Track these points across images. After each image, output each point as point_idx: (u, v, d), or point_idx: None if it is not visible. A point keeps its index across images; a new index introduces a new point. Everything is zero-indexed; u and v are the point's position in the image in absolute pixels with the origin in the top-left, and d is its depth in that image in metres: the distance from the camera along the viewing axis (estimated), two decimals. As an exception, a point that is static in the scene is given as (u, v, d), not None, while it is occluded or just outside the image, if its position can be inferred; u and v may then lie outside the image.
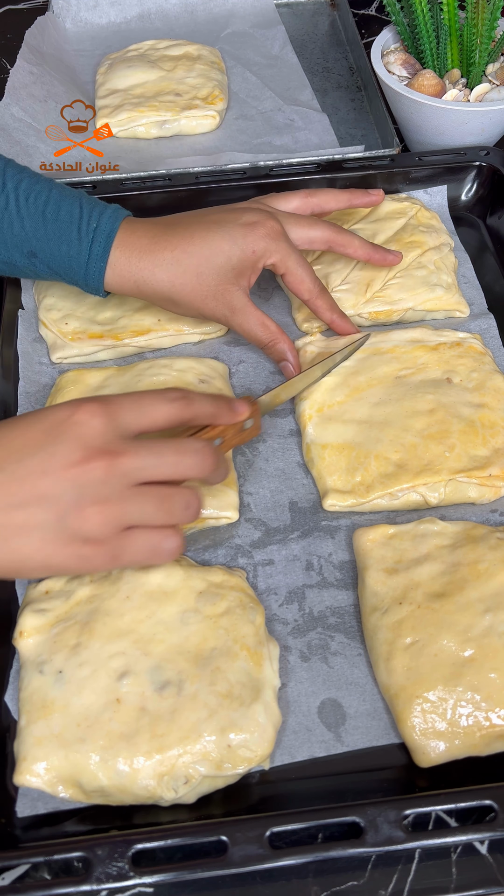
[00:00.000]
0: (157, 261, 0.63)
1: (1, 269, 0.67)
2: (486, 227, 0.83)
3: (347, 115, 0.99)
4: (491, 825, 0.48)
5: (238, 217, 0.65)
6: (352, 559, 0.61)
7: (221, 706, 0.51)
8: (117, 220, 0.64)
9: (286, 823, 0.48)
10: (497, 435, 0.64)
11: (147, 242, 0.64)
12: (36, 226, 0.63)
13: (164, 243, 0.64)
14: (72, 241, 0.63)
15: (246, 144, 0.94)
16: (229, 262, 0.64)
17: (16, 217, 0.64)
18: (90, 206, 0.64)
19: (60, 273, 0.65)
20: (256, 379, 0.72)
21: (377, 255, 0.71)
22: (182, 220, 0.66)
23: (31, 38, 1.03)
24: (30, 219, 0.63)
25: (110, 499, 0.47)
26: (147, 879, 0.46)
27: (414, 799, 0.49)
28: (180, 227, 0.65)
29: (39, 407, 0.70)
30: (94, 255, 0.63)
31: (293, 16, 1.13)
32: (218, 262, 0.63)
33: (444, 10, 0.85)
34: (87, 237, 0.63)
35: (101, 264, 0.63)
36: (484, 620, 0.53)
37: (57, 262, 0.64)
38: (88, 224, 0.63)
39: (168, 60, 1.01)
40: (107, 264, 0.64)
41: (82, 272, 0.64)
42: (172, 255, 0.63)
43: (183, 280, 0.64)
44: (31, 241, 0.64)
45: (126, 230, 0.64)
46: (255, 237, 0.64)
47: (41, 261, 0.65)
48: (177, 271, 0.63)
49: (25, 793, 0.51)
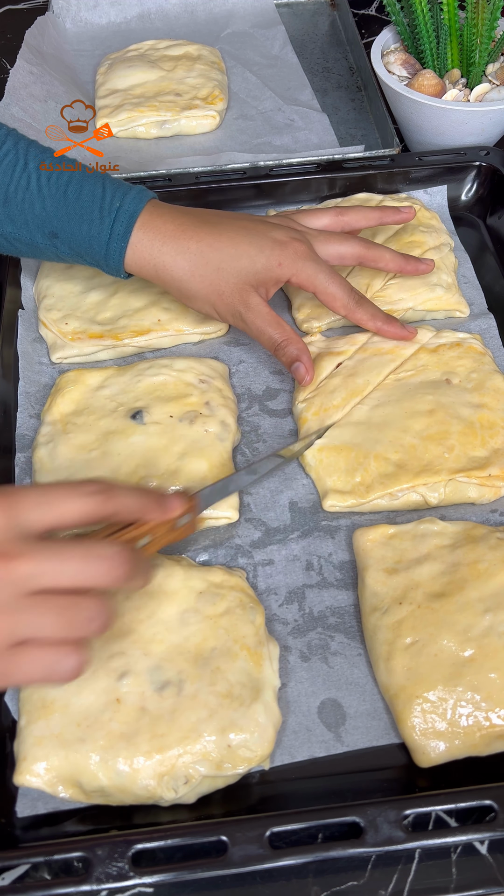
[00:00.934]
0: (181, 248, 0.63)
1: (22, 250, 0.67)
2: (486, 227, 0.83)
3: (347, 115, 0.99)
4: (491, 825, 0.48)
5: (268, 230, 0.64)
6: (352, 559, 0.61)
7: (221, 706, 0.51)
8: (142, 201, 0.63)
9: (286, 823, 0.48)
10: (496, 435, 0.64)
11: (173, 228, 0.63)
12: (57, 206, 0.63)
13: (190, 233, 0.63)
14: (93, 220, 0.63)
15: (246, 144, 0.95)
16: (253, 267, 0.63)
17: (37, 197, 0.63)
18: (113, 186, 0.64)
19: (81, 253, 0.65)
20: (256, 379, 0.72)
21: (409, 266, 0.70)
22: (210, 216, 0.65)
23: (31, 38, 1.03)
24: (51, 198, 0.63)
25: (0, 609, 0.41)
26: (147, 879, 0.46)
27: (414, 799, 0.49)
28: (208, 222, 0.64)
29: (40, 407, 0.70)
30: (116, 234, 0.63)
31: (293, 16, 1.13)
32: (242, 263, 0.63)
33: (444, 10, 0.85)
34: (110, 216, 0.62)
35: (121, 244, 0.63)
36: (484, 620, 0.53)
37: (78, 241, 0.64)
38: (111, 204, 0.63)
39: (168, 60, 1.01)
40: (128, 245, 0.63)
41: (103, 251, 0.63)
42: (198, 247, 0.63)
43: (203, 272, 0.63)
44: (53, 220, 0.63)
45: (151, 213, 0.63)
46: (284, 253, 0.63)
47: (62, 241, 0.64)
48: (199, 262, 0.63)
49: (25, 793, 0.51)
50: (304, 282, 0.65)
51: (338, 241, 0.68)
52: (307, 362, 0.65)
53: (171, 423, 0.65)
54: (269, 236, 0.64)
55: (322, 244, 0.67)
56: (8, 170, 0.63)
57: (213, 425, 0.65)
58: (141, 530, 0.48)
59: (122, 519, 0.47)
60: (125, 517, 0.47)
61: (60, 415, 0.67)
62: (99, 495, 0.45)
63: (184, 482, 0.62)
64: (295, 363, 0.65)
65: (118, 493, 0.46)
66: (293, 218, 0.69)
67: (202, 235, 0.63)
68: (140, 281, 0.74)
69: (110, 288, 0.75)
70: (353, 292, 0.66)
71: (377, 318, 0.67)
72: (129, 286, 0.75)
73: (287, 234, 0.65)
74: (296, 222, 0.68)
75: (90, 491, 0.45)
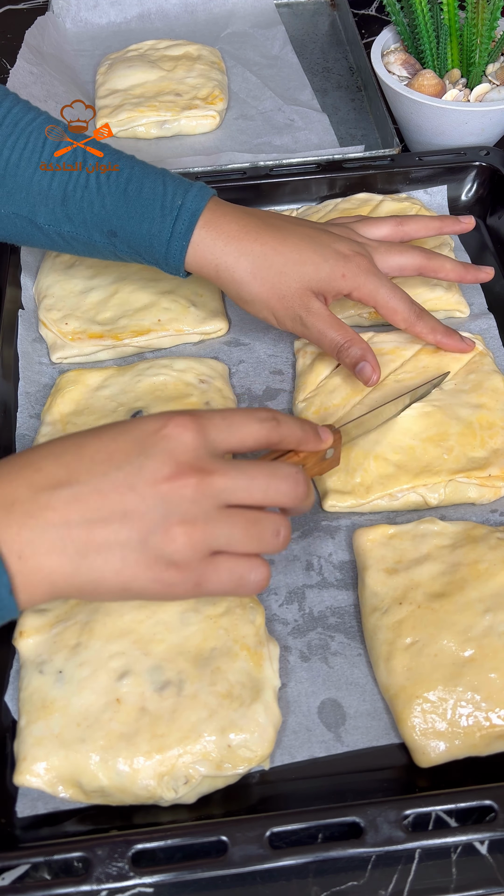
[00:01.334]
0: (244, 250, 0.62)
1: (79, 248, 0.66)
2: (486, 227, 0.83)
3: (347, 115, 0.99)
4: (491, 825, 0.48)
5: (332, 241, 0.63)
6: (352, 559, 0.61)
7: (221, 706, 0.51)
8: (204, 198, 0.62)
9: (286, 823, 0.48)
10: (496, 436, 0.64)
11: (236, 229, 0.62)
12: (117, 204, 0.62)
13: (254, 234, 0.62)
14: (154, 218, 0.62)
15: (246, 144, 0.95)
16: (317, 275, 0.62)
17: (96, 196, 0.62)
18: (175, 183, 0.63)
19: (141, 252, 0.64)
20: (256, 379, 0.72)
21: (470, 274, 0.69)
22: (272, 218, 0.65)
23: (31, 38, 1.03)
24: (111, 197, 0.62)
25: (198, 520, 0.43)
26: (147, 879, 0.46)
27: (414, 799, 0.49)
28: (272, 225, 0.63)
29: (40, 407, 0.70)
30: (178, 232, 0.62)
31: (293, 16, 1.13)
32: (305, 269, 0.62)
33: (444, 10, 0.85)
34: (171, 214, 0.61)
35: (183, 243, 0.62)
36: (484, 620, 0.53)
37: (137, 240, 0.63)
38: (173, 201, 0.62)
39: (168, 60, 1.01)
40: (189, 243, 0.62)
41: (163, 250, 0.63)
42: (262, 250, 0.62)
43: (265, 275, 0.62)
44: (112, 219, 0.63)
45: (214, 211, 0.62)
46: (347, 266, 0.63)
47: (121, 240, 0.63)
48: (261, 265, 0.62)
49: (25, 793, 0.51)
50: (365, 296, 0.64)
51: (398, 252, 0.67)
52: (373, 361, 0.63)
53: (171, 423, 0.65)
54: (332, 247, 0.63)
55: (383, 255, 0.66)
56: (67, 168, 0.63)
57: (213, 425, 0.65)
58: (297, 458, 0.51)
59: (285, 446, 0.50)
60: (288, 445, 0.50)
61: (60, 415, 0.67)
62: (271, 421, 0.47)
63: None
64: (360, 363, 0.63)
65: (285, 421, 0.49)
66: (351, 227, 0.67)
67: (266, 238, 0.62)
68: (140, 281, 0.75)
69: (110, 288, 0.75)
70: (414, 306, 0.65)
71: (437, 331, 0.66)
72: (129, 286, 0.75)
73: (350, 247, 0.64)
74: (355, 232, 0.67)
75: (264, 417, 0.47)
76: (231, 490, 0.44)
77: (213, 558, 0.44)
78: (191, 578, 0.44)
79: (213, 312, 0.74)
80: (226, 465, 0.45)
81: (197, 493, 0.43)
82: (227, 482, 0.44)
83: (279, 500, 0.46)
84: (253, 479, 0.45)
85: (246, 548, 0.45)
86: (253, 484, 0.45)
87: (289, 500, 0.47)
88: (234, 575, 0.45)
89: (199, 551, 0.44)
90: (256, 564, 0.46)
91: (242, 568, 0.45)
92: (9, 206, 0.64)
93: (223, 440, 0.46)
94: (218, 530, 0.44)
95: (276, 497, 0.46)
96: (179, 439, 0.44)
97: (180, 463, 0.43)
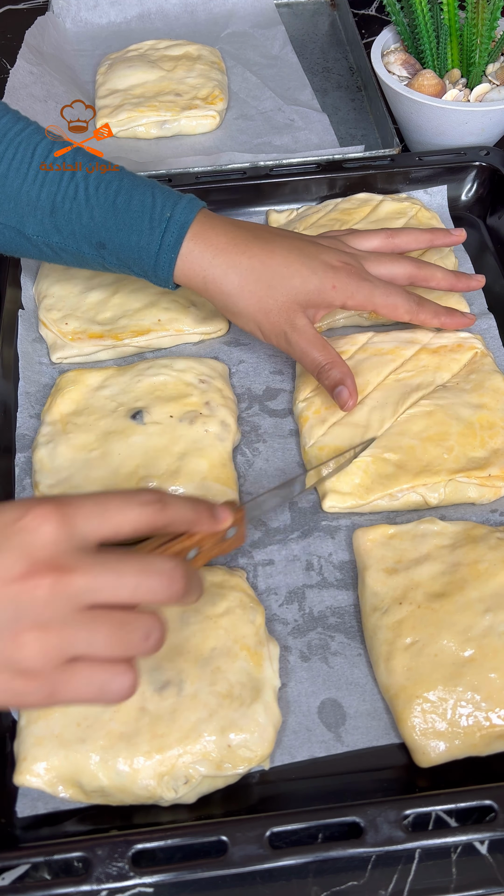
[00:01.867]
0: (232, 263, 0.62)
1: (67, 259, 0.66)
2: (486, 227, 0.83)
3: (347, 115, 0.99)
4: (491, 825, 0.48)
5: (320, 253, 0.63)
6: (352, 559, 0.61)
7: (221, 706, 0.51)
8: (192, 210, 0.62)
9: (286, 823, 0.48)
10: (496, 436, 0.64)
11: (225, 241, 0.62)
12: (106, 216, 0.62)
13: (242, 247, 0.62)
14: (142, 230, 0.62)
15: (246, 144, 0.95)
16: (304, 287, 0.62)
17: (84, 207, 0.62)
18: (164, 195, 0.63)
19: (129, 264, 0.64)
20: (256, 379, 0.72)
21: (461, 283, 0.69)
22: (262, 231, 0.64)
23: (31, 38, 1.03)
24: (99, 208, 0.62)
25: (52, 624, 0.39)
26: (147, 879, 0.46)
27: (414, 799, 0.49)
28: (260, 238, 0.63)
29: (40, 407, 0.70)
30: (166, 245, 0.61)
31: (293, 16, 1.13)
32: (293, 283, 0.62)
33: (444, 10, 0.85)
34: (160, 227, 0.61)
35: (171, 255, 0.62)
36: (484, 620, 0.53)
37: (126, 252, 0.63)
38: (161, 213, 0.61)
39: (168, 60, 1.01)
40: (178, 256, 0.62)
41: (152, 263, 0.62)
42: (249, 263, 0.62)
43: (253, 288, 0.62)
44: (101, 231, 0.62)
45: (203, 223, 0.62)
46: (337, 276, 0.62)
47: (110, 252, 0.63)
48: (249, 278, 0.62)
49: (25, 793, 0.51)
50: (361, 303, 0.64)
51: (389, 261, 0.66)
52: (351, 386, 0.63)
53: (171, 423, 0.65)
54: (321, 259, 0.63)
55: (373, 265, 0.66)
56: (55, 179, 0.62)
57: (213, 425, 0.65)
58: (190, 542, 0.47)
59: (174, 530, 0.46)
60: (177, 528, 0.46)
61: (60, 415, 0.67)
62: (154, 505, 0.43)
63: (184, 482, 0.62)
64: (338, 387, 0.63)
65: (172, 503, 0.44)
66: (342, 240, 0.67)
67: (255, 251, 0.62)
68: (140, 281, 0.74)
69: (110, 288, 0.75)
70: (412, 296, 0.65)
71: (440, 314, 0.67)
72: (129, 286, 0.75)
73: (339, 258, 0.63)
74: (346, 244, 0.67)
75: (145, 501, 0.43)
76: (94, 590, 0.40)
77: (69, 666, 0.40)
78: (43, 688, 0.40)
79: (213, 312, 0.74)
80: (89, 562, 0.40)
81: (52, 595, 0.39)
82: (90, 581, 0.40)
83: (151, 600, 0.42)
84: (121, 577, 0.40)
85: (110, 653, 0.41)
86: (120, 582, 0.40)
87: (163, 598, 0.42)
88: (93, 683, 0.40)
89: (52, 658, 0.39)
90: (120, 671, 0.41)
91: (103, 675, 0.40)
92: None
93: (93, 530, 0.41)
94: (76, 635, 0.39)
95: (146, 596, 0.41)
96: (37, 532, 0.39)
97: (35, 560, 0.39)
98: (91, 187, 0.62)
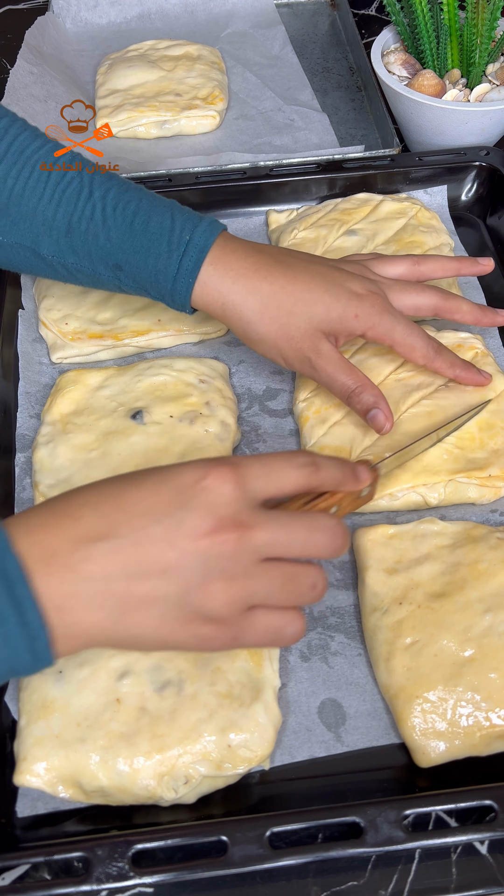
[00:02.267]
0: (253, 289, 0.60)
1: (83, 280, 0.65)
2: (486, 227, 0.83)
3: (347, 115, 0.99)
4: (491, 825, 0.48)
5: (344, 280, 0.61)
6: (352, 559, 0.61)
7: (221, 706, 0.51)
8: (212, 234, 0.61)
9: (286, 823, 0.48)
10: (496, 436, 0.64)
11: (245, 266, 0.60)
12: (123, 238, 0.61)
13: (264, 272, 0.60)
14: (160, 253, 0.60)
15: (246, 144, 0.95)
16: (327, 315, 0.60)
17: (101, 228, 0.61)
18: (183, 217, 0.61)
19: (146, 287, 0.63)
20: (256, 379, 0.72)
21: (486, 318, 0.67)
22: (283, 255, 0.62)
23: (31, 38, 1.03)
24: (116, 230, 0.61)
25: (237, 575, 0.43)
26: (147, 879, 0.46)
27: (414, 799, 0.49)
28: (282, 263, 0.61)
29: (40, 407, 0.70)
30: (184, 269, 0.60)
31: (293, 16, 1.13)
32: (316, 309, 0.60)
33: (444, 10, 0.85)
34: (178, 250, 0.60)
35: (189, 280, 0.60)
36: (484, 620, 0.53)
37: (143, 275, 0.62)
38: (180, 237, 0.60)
39: (168, 60, 1.01)
40: (196, 281, 0.60)
41: (169, 286, 0.61)
42: (271, 289, 0.60)
43: (273, 314, 0.60)
44: (118, 253, 0.61)
45: (222, 248, 0.61)
46: (361, 306, 0.60)
47: (126, 273, 0.62)
48: (270, 304, 0.60)
49: (25, 793, 0.51)
50: (380, 336, 0.62)
51: (415, 291, 0.64)
52: (385, 409, 0.61)
53: (171, 424, 0.65)
54: (345, 286, 0.61)
55: (398, 294, 0.64)
56: (72, 198, 0.61)
57: (213, 425, 0.65)
58: (333, 499, 0.50)
59: (324, 489, 0.49)
60: (327, 488, 0.49)
61: (60, 415, 0.67)
62: (310, 467, 0.46)
63: (184, 482, 0.62)
64: (372, 411, 0.61)
65: (324, 465, 0.47)
66: (366, 265, 0.65)
67: (276, 277, 0.60)
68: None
69: (110, 288, 0.75)
70: (432, 342, 0.63)
71: (456, 365, 0.65)
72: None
73: (364, 286, 0.61)
74: (369, 270, 0.64)
75: (302, 462, 0.46)
76: (271, 545, 0.44)
77: (250, 613, 0.44)
78: (228, 633, 0.44)
79: (213, 312, 0.74)
80: (265, 519, 0.44)
81: (236, 549, 0.43)
82: (267, 537, 0.43)
83: (318, 554, 0.46)
84: (292, 534, 0.44)
85: (283, 602, 0.45)
86: (292, 538, 0.44)
87: (327, 553, 0.46)
88: (270, 629, 0.45)
89: (237, 607, 0.43)
90: (293, 618, 0.45)
91: (279, 622, 0.45)
92: (12, 235, 0.62)
93: (262, 489, 0.45)
94: (256, 586, 0.43)
95: (314, 551, 0.45)
96: (219, 492, 0.43)
97: (220, 517, 0.43)
98: (108, 207, 0.61)
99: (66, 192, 0.62)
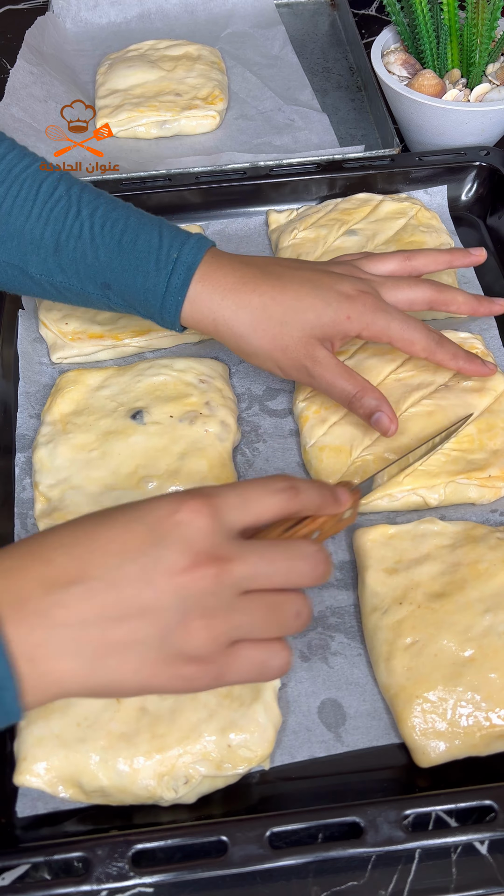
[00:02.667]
0: (242, 303, 0.60)
1: (72, 298, 0.64)
2: (486, 227, 0.83)
3: (347, 115, 0.99)
4: (491, 825, 0.48)
5: (334, 283, 0.61)
6: (352, 559, 0.61)
7: (221, 706, 0.51)
8: (200, 251, 0.60)
9: (286, 823, 0.48)
10: (496, 437, 0.64)
11: (233, 281, 0.60)
12: (111, 256, 0.60)
13: (252, 286, 0.60)
14: (148, 272, 0.60)
15: (246, 144, 0.95)
16: (319, 321, 0.59)
17: (89, 246, 0.61)
18: (171, 234, 0.61)
19: (135, 305, 0.62)
20: (256, 379, 0.72)
21: (483, 307, 0.66)
22: (272, 266, 0.62)
23: (31, 38, 1.03)
24: (104, 248, 0.60)
25: (218, 611, 0.41)
26: (147, 879, 0.46)
27: (414, 799, 0.49)
28: (271, 273, 0.61)
29: (40, 407, 0.70)
30: (173, 287, 0.60)
31: (293, 16, 1.13)
32: (307, 317, 0.59)
33: (444, 10, 0.85)
34: (166, 268, 0.60)
35: (178, 298, 0.60)
36: (484, 620, 0.53)
37: (132, 293, 0.61)
38: (168, 254, 0.60)
39: (168, 60, 1.01)
40: (185, 298, 0.60)
41: (158, 305, 0.61)
42: (260, 301, 0.59)
43: (266, 326, 0.60)
44: (106, 272, 0.61)
45: (210, 264, 0.60)
46: (352, 307, 0.60)
47: (115, 292, 0.62)
48: (261, 317, 0.60)
49: (25, 793, 0.51)
50: (377, 334, 0.61)
51: (407, 286, 0.63)
52: (389, 411, 0.60)
53: (171, 423, 0.65)
54: (335, 289, 0.60)
55: (390, 290, 0.63)
56: (60, 217, 0.61)
57: (213, 425, 0.65)
58: (315, 524, 0.48)
59: (304, 514, 0.47)
60: (306, 513, 0.47)
61: (60, 415, 0.67)
62: (287, 492, 0.45)
63: (184, 482, 0.62)
64: (375, 414, 0.60)
65: (302, 489, 0.46)
66: (356, 265, 0.64)
67: (265, 288, 0.60)
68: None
69: (110, 288, 0.75)
70: (432, 333, 0.62)
71: (458, 357, 0.63)
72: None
73: (354, 287, 0.61)
74: (360, 270, 0.64)
75: (280, 488, 0.45)
76: (251, 577, 0.42)
77: (233, 648, 0.42)
78: (211, 672, 0.42)
79: (213, 312, 0.74)
80: (244, 551, 0.42)
81: (216, 584, 0.41)
82: (247, 569, 0.42)
83: (300, 583, 0.44)
84: (273, 564, 0.43)
85: (267, 634, 0.43)
86: (273, 569, 0.43)
87: (309, 581, 0.44)
88: (255, 663, 0.43)
89: (220, 644, 0.42)
90: (278, 650, 0.43)
91: (263, 656, 0.43)
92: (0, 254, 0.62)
93: (238, 519, 0.43)
94: (239, 620, 0.42)
95: (297, 580, 0.44)
96: (194, 525, 0.41)
97: (196, 552, 0.41)
98: (97, 226, 0.61)
99: (53, 210, 0.61)
